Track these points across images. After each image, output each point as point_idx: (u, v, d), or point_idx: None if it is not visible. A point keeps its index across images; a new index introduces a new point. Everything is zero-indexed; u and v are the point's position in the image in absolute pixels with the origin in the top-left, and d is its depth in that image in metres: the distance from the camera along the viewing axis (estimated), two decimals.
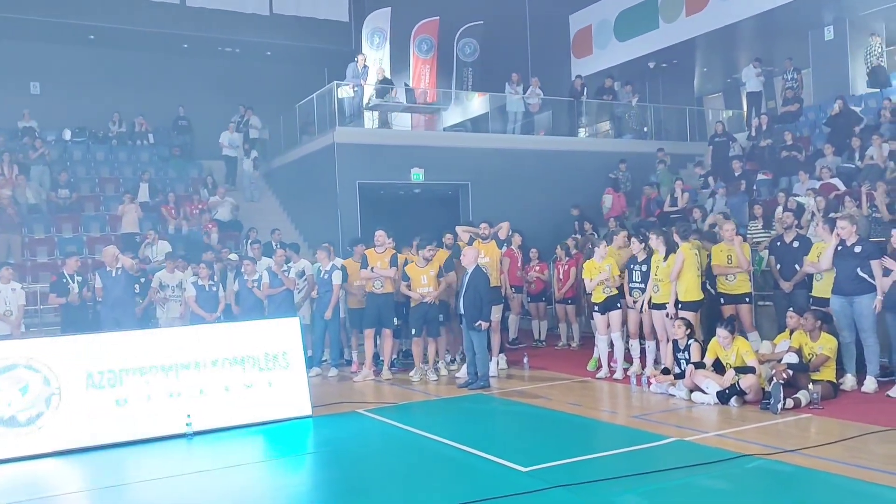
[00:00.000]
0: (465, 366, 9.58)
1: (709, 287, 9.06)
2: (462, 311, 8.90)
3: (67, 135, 18.19)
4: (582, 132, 18.26)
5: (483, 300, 8.73)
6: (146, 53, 19.42)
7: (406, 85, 18.05)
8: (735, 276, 8.79)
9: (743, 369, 7.37)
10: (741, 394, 7.28)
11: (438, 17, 19.12)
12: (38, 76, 18.70)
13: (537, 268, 12.12)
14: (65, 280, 10.27)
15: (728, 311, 8.80)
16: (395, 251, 9.76)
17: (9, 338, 9.22)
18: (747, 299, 8.85)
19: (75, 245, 14.29)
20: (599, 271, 9.05)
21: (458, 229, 10.39)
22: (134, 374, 7.01)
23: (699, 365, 7.68)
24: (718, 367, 7.66)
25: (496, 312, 9.67)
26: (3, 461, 6.33)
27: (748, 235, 11.08)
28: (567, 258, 11.67)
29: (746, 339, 8.06)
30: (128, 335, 7.58)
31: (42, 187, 15.43)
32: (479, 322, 8.70)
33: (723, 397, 7.31)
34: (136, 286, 10.71)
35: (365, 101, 16.21)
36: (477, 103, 19.21)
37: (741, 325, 8.56)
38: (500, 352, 10.25)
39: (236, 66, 20.36)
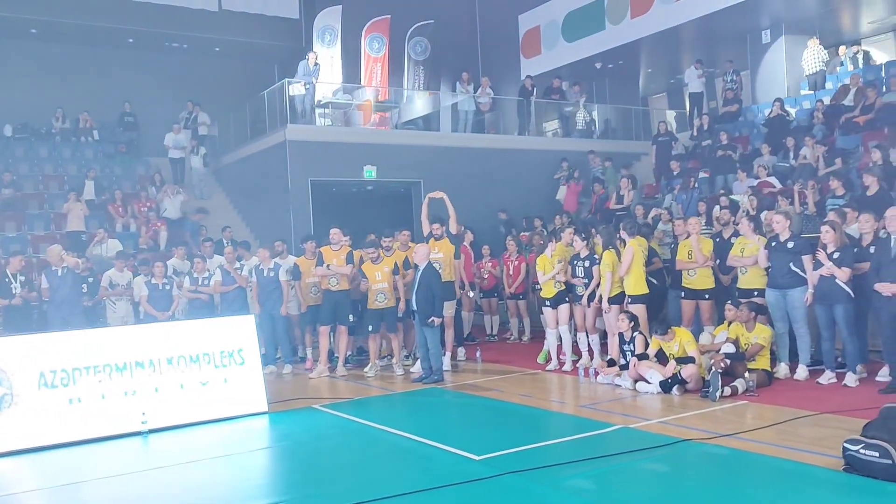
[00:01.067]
0: (419, 361, 9.78)
1: (653, 280, 9.42)
2: (415, 308, 9.08)
3: (9, 131, 17.79)
4: (531, 131, 18.59)
5: (435, 296, 8.93)
6: (90, 48, 19.07)
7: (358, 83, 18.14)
8: (695, 271, 9.14)
9: (684, 359, 7.72)
10: (682, 383, 7.63)
11: (389, 16, 19.24)
12: None
13: (489, 264, 12.37)
14: (7, 280, 10.09)
15: (688, 305, 9.19)
16: (350, 248, 9.89)
17: None
18: (707, 295, 9.17)
19: (19, 244, 14.02)
20: (552, 266, 9.33)
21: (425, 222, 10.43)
22: (87, 373, 7.00)
23: (643, 356, 8.01)
24: (662, 358, 8.01)
25: (450, 308, 9.88)
26: None
27: None
28: (517, 254, 11.94)
29: (702, 331, 8.44)
30: (81, 334, 7.55)
31: None
32: (432, 318, 8.88)
33: (665, 387, 7.65)
34: (84, 286, 10.62)
35: (317, 98, 16.23)
36: (428, 102, 19.40)
37: (700, 318, 8.93)
38: (459, 346, 10.47)
39: (184, 61, 20.14)
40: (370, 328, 9.79)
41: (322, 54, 18.19)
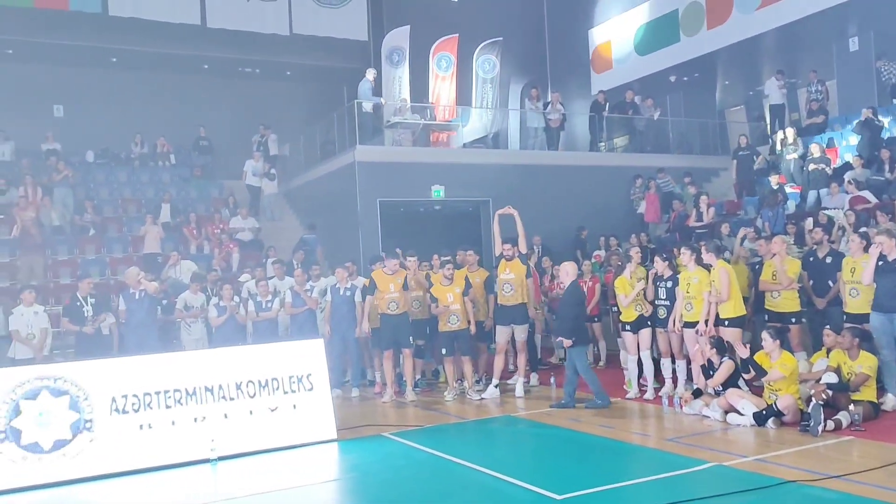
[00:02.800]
0: (490, 386, 9.42)
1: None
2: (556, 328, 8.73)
3: (90, 157, 18.34)
4: (603, 147, 18.11)
5: (575, 316, 8.54)
6: (167, 75, 19.58)
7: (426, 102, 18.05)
8: (779, 293, 8.55)
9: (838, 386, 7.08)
10: (778, 415, 7.06)
11: (458, 35, 19.10)
12: (62, 99, 18.90)
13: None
14: (79, 303, 10.21)
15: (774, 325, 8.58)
16: (405, 273, 9.64)
17: (31, 361, 9.20)
18: (794, 319, 8.58)
19: (98, 266, 14.34)
20: (632, 287, 8.88)
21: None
22: (158, 398, 6.92)
23: (734, 383, 7.47)
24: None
25: (523, 332, 9.52)
26: (26, 489, 6.24)
27: None
28: (591, 274, 11.48)
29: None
30: (152, 358, 7.49)
31: (66, 209, 15.51)
32: (560, 337, 8.51)
33: (759, 419, 7.09)
34: (159, 308, 10.66)
35: (385, 119, 16.19)
36: (496, 119, 19.15)
37: (788, 344, 8.34)
38: (532, 371, 10.09)
39: (256, 85, 20.48)
40: (444, 351, 9.51)
41: (390, 75, 18.20)
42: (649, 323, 8.90)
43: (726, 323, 8.08)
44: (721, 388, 7.59)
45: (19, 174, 15.72)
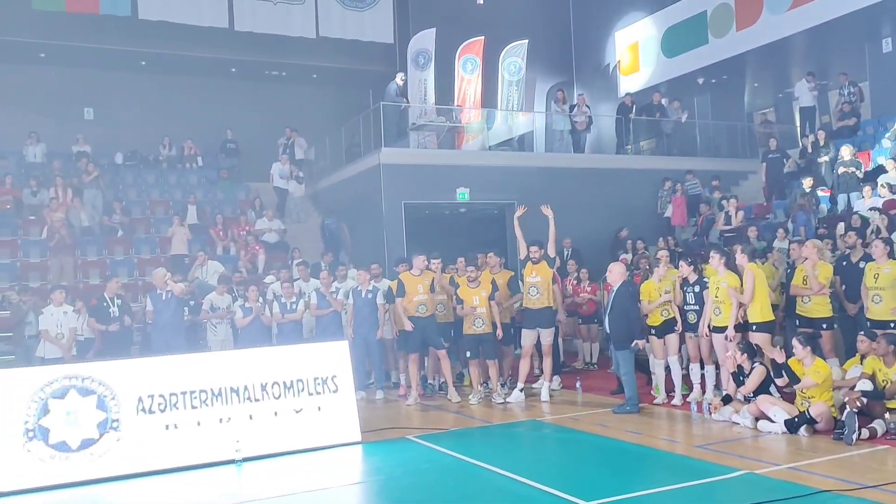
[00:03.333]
0: (515, 390, 9.35)
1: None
2: (608, 331, 8.61)
3: (119, 158, 18.54)
4: (629, 150, 17.94)
5: (630, 318, 8.40)
6: (195, 78, 19.75)
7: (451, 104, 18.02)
8: (809, 298, 8.40)
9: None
10: (811, 422, 6.91)
11: (483, 37, 19.05)
12: (92, 102, 19.13)
13: (588, 289, 11.83)
14: (105, 304, 10.29)
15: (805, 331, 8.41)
16: (433, 275, 9.59)
17: (60, 361, 9.29)
18: (824, 325, 8.41)
19: (126, 267, 14.47)
20: (659, 293, 8.75)
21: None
22: (183, 398, 6.94)
23: (765, 390, 7.33)
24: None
25: (548, 335, 9.43)
26: (53, 487, 6.28)
27: None
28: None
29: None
30: (178, 359, 7.52)
31: (95, 210, 15.70)
32: (635, 342, 8.37)
33: (791, 426, 6.95)
34: (186, 308, 10.72)
35: (410, 121, 16.18)
36: (522, 122, 19.06)
37: (820, 351, 8.16)
38: (555, 374, 10.00)
39: (282, 88, 20.58)
40: (468, 354, 9.46)
41: (416, 77, 18.19)
42: (676, 328, 8.75)
43: (754, 328, 7.94)
44: (752, 395, 7.45)
45: (50, 176, 15.94)
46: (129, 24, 17.55)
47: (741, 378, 7.67)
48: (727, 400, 7.79)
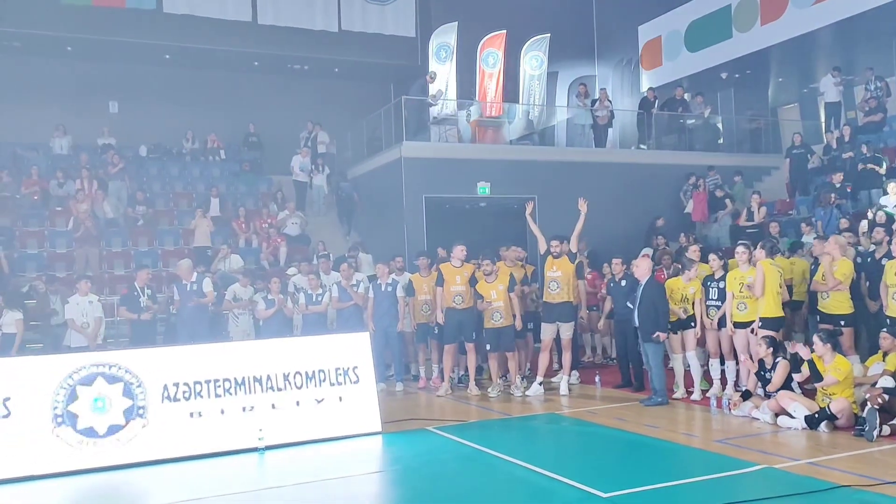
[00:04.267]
0: (534, 383, 9.38)
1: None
2: (636, 324, 8.65)
3: (144, 151, 18.76)
4: (647, 146, 17.86)
5: (658, 311, 8.43)
6: (219, 72, 19.92)
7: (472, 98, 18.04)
8: (828, 294, 8.35)
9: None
10: (832, 418, 6.89)
11: (506, 31, 19.04)
12: (117, 95, 19.34)
13: (588, 276, 11.77)
14: (135, 293, 10.46)
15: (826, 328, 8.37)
16: (473, 268, 9.62)
17: (85, 349, 9.46)
18: (843, 322, 8.35)
19: (150, 258, 14.67)
20: (684, 293, 8.71)
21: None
22: (208, 387, 7.06)
23: (785, 386, 7.32)
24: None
25: (568, 330, 9.45)
26: (81, 472, 6.42)
27: None
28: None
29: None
30: (202, 348, 7.64)
31: (120, 202, 15.92)
32: (657, 333, 8.38)
33: (812, 422, 6.93)
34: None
35: (432, 115, 16.22)
36: (544, 116, 19.04)
37: (840, 347, 8.11)
38: (573, 369, 10.03)
39: (305, 82, 20.68)
40: (488, 347, 9.51)
41: (437, 71, 18.22)
42: (693, 324, 8.73)
43: (760, 323, 7.93)
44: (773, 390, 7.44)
45: (77, 168, 16.19)
46: (154, 18, 17.75)
47: (761, 372, 7.65)
48: (747, 396, 7.77)
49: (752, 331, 8.01)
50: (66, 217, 14.93)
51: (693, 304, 8.73)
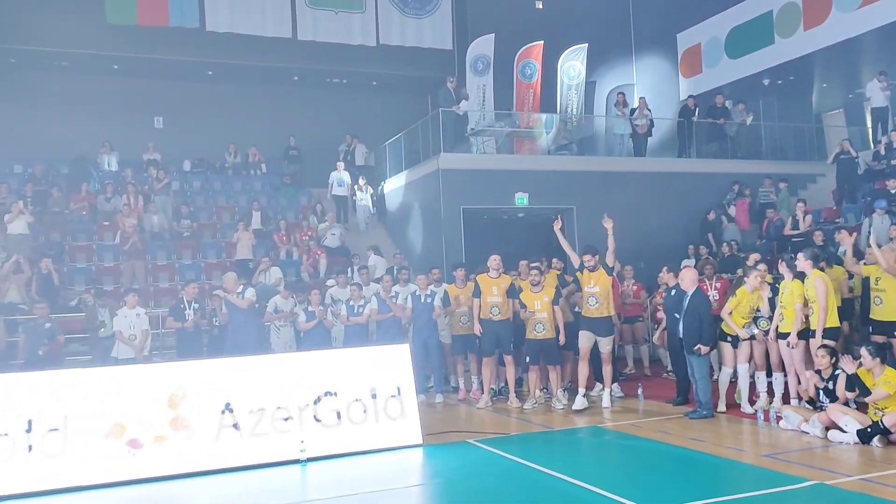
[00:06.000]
0: (578, 396, 9.25)
1: None
2: (681, 335, 8.55)
3: (187, 166, 19.14)
4: (692, 154, 17.63)
5: (703, 322, 8.31)
6: (259, 87, 20.27)
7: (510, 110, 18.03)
8: (882, 300, 8.12)
9: None
10: (885, 433, 6.68)
11: (542, 41, 19.01)
12: (162, 111, 19.80)
13: (634, 288, 11.67)
14: (182, 306, 10.64)
15: (878, 341, 8.15)
16: (511, 279, 9.57)
17: (133, 361, 9.64)
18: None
19: (194, 271, 14.92)
20: (750, 305, 8.53)
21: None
22: (250, 399, 7.13)
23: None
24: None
25: (608, 344, 9.34)
26: (127, 483, 6.52)
27: None
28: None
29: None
30: (244, 360, 7.72)
31: (165, 216, 16.24)
32: (698, 346, 8.27)
33: (864, 436, 6.73)
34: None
35: (469, 126, 16.23)
36: (582, 126, 18.93)
37: (892, 357, 7.88)
38: (614, 382, 9.91)
39: (343, 96, 20.93)
40: (528, 359, 9.43)
41: (475, 83, 18.26)
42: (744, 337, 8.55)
43: (822, 335, 7.73)
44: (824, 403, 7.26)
45: (123, 183, 16.57)
46: (198, 36, 18.15)
47: (823, 382, 7.48)
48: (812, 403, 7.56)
49: (789, 344, 7.82)
50: (114, 231, 15.28)
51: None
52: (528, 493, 5.92)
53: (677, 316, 8.65)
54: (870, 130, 17.45)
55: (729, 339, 8.66)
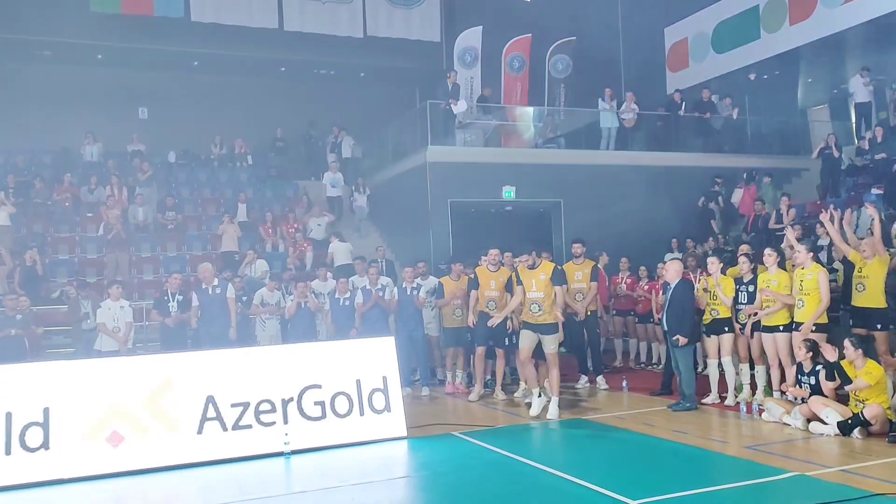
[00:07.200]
0: (533, 398, 9.02)
1: None
2: (665, 327, 8.55)
3: (172, 157, 18.98)
4: (678, 147, 17.68)
5: (686, 314, 8.33)
6: (245, 78, 20.13)
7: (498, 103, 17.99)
8: (865, 287, 8.11)
9: None
10: (865, 424, 6.75)
11: (531, 35, 19.00)
12: (146, 102, 19.63)
13: (646, 287, 11.68)
14: (166, 298, 10.52)
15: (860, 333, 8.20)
16: (510, 273, 9.43)
17: (116, 354, 9.57)
18: (879, 325, 8.07)
19: (179, 263, 14.81)
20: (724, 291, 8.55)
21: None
22: (233, 392, 7.09)
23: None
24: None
25: (552, 343, 9.16)
26: (106, 476, 6.48)
27: None
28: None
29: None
30: (227, 353, 7.71)
31: (149, 208, 16.11)
32: (676, 336, 8.29)
33: (845, 428, 6.80)
34: (239, 304, 10.82)
35: (457, 119, 16.19)
36: (569, 120, 18.94)
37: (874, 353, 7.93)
38: (598, 374, 9.93)
39: (330, 87, 20.83)
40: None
41: (463, 75, 18.21)
42: (726, 328, 8.59)
43: (814, 328, 7.79)
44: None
45: (107, 174, 16.42)
46: (182, 26, 17.99)
47: (798, 376, 7.54)
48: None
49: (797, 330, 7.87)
50: (97, 223, 15.13)
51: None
52: (513, 485, 5.93)
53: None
54: (854, 125, 17.55)
55: (703, 330, 8.67)
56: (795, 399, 7.55)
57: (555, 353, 8.30)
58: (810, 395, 7.28)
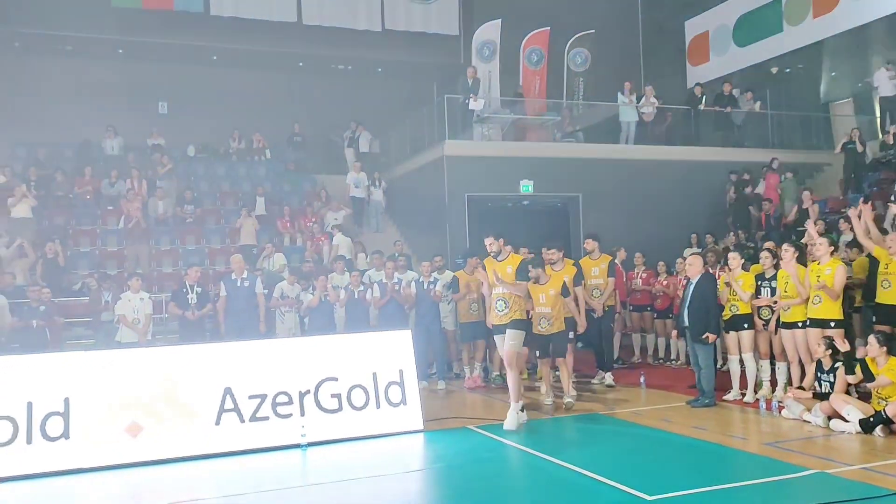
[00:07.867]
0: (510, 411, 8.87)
1: None
2: (686, 324, 8.44)
3: (191, 151, 19.09)
4: (699, 142, 17.52)
5: (710, 310, 8.23)
6: (264, 72, 20.19)
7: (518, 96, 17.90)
8: (890, 283, 8.00)
9: None
10: (887, 422, 6.64)
11: (549, 28, 18.89)
12: (166, 96, 19.75)
13: (665, 282, 11.60)
14: (185, 290, 10.61)
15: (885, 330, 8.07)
16: (521, 258, 9.15)
17: (135, 346, 9.65)
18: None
19: (197, 256, 14.92)
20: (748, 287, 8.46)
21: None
22: (252, 383, 7.12)
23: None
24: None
25: (511, 339, 9.02)
26: (125, 465, 6.53)
27: None
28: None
29: None
30: (246, 345, 7.74)
31: (169, 201, 16.22)
32: (706, 334, 8.19)
33: (866, 426, 6.70)
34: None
35: (475, 113, 16.14)
36: (588, 114, 18.83)
37: None
38: (608, 371, 9.87)
39: (348, 82, 20.84)
40: (537, 353, 9.06)
41: (480, 69, 18.15)
42: (745, 325, 8.49)
43: (832, 324, 7.68)
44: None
45: (127, 168, 16.55)
46: (202, 21, 18.07)
47: (818, 374, 7.44)
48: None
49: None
50: (118, 216, 15.29)
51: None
52: (528, 479, 5.92)
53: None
54: (878, 120, 17.30)
55: (723, 326, 8.59)
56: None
57: (513, 352, 7.75)
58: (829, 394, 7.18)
